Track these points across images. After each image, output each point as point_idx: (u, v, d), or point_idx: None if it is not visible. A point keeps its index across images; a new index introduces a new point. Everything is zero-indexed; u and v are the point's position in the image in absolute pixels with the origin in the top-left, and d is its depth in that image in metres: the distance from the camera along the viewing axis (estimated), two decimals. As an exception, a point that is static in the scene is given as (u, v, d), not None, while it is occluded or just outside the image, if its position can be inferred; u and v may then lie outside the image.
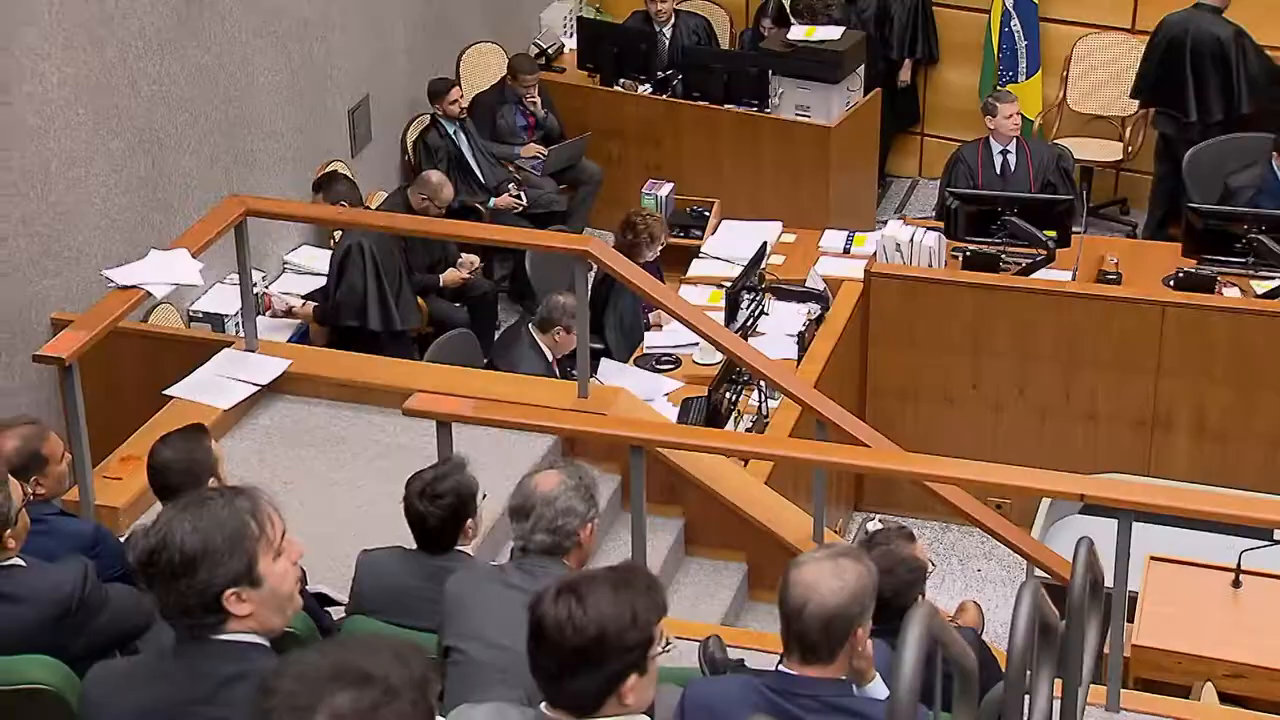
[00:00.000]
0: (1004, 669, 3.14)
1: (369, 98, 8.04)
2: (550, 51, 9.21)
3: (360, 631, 3.60)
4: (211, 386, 5.53)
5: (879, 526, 4.77)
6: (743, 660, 3.93)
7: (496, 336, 7.46)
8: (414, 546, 3.91)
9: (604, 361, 6.71)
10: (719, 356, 6.21)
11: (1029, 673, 3.16)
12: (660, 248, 7.15)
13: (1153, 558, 5.21)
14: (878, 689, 3.00)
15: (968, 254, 7.02)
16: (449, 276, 7.50)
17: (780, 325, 6.92)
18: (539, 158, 8.48)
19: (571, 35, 9.32)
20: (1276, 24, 8.27)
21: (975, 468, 4.98)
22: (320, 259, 7.26)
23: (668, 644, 2.51)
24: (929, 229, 7.17)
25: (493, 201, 8.15)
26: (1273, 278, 6.65)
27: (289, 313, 6.98)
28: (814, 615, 2.85)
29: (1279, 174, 7.11)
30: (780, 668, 2.93)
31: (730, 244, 7.61)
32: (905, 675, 2.26)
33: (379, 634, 2.01)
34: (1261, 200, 7.04)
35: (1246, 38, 7.99)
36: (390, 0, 8.16)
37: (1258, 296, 6.68)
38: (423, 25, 8.48)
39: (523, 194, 8.21)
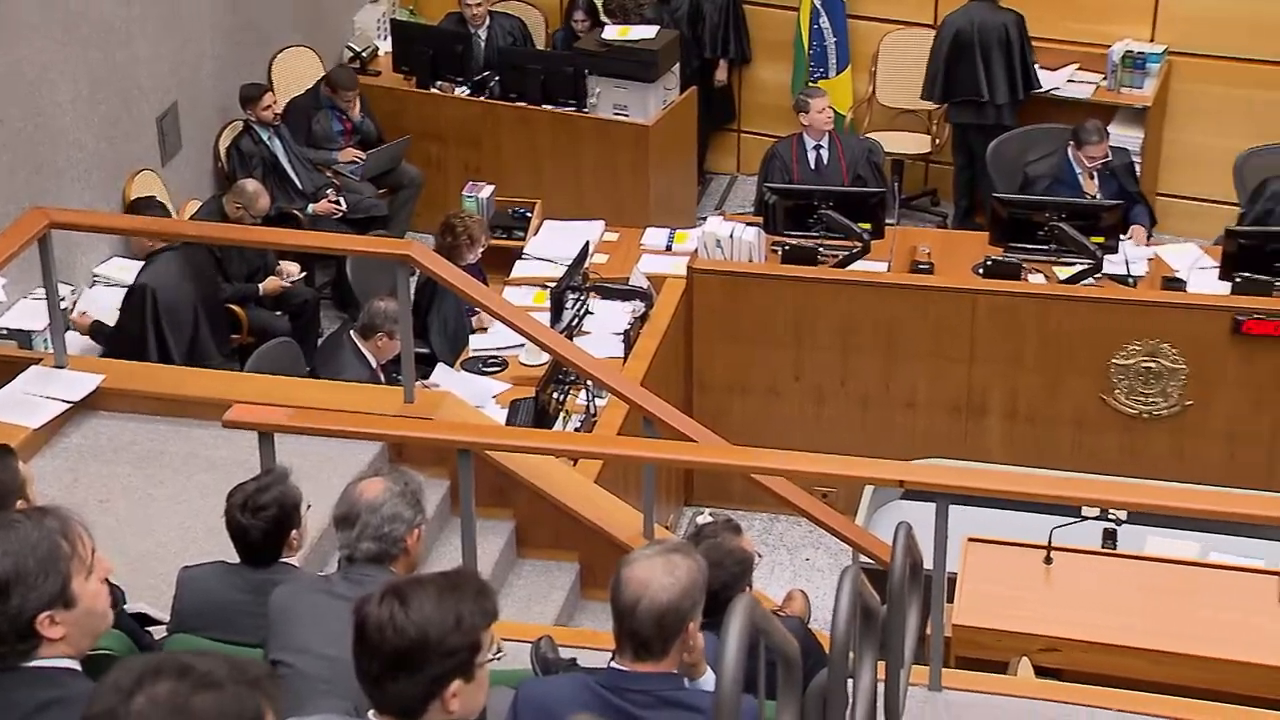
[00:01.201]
0: (829, 654, 3.21)
1: (177, 105, 7.85)
2: (365, 55, 9.11)
3: (185, 649, 3.52)
4: (19, 405, 5.34)
5: (708, 520, 4.82)
6: (575, 659, 3.94)
7: (319, 344, 7.35)
8: (237, 561, 3.84)
9: (439, 366, 6.66)
10: (546, 357, 6.22)
11: (852, 657, 3.23)
12: (481, 249, 7.13)
13: (970, 539, 5.36)
14: (709, 681, 3.03)
15: (786, 248, 7.14)
16: (268, 285, 7.37)
17: (605, 324, 6.95)
18: (357, 162, 8.38)
19: (386, 38, 9.24)
20: (1066, 19, 8.59)
21: (799, 458, 5.07)
22: (132, 270, 7.07)
23: (498, 651, 2.51)
24: (748, 224, 7.28)
25: (311, 208, 8.03)
26: (1073, 264, 6.90)
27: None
28: (647, 612, 2.87)
29: (1074, 164, 7.38)
30: (613, 665, 2.95)
31: (553, 244, 7.62)
32: (729, 666, 2.29)
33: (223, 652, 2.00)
34: (1058, 189, 7.30)
35: (1025, 27, 8.33)
36: (194, 4, 7.97)
37: (1061, 282, 6.92)
38: (229, 30, 8.30)
39: (342, 199, 8.11)
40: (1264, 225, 6.97)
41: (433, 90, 8.74)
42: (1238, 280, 6.64)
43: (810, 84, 8.74)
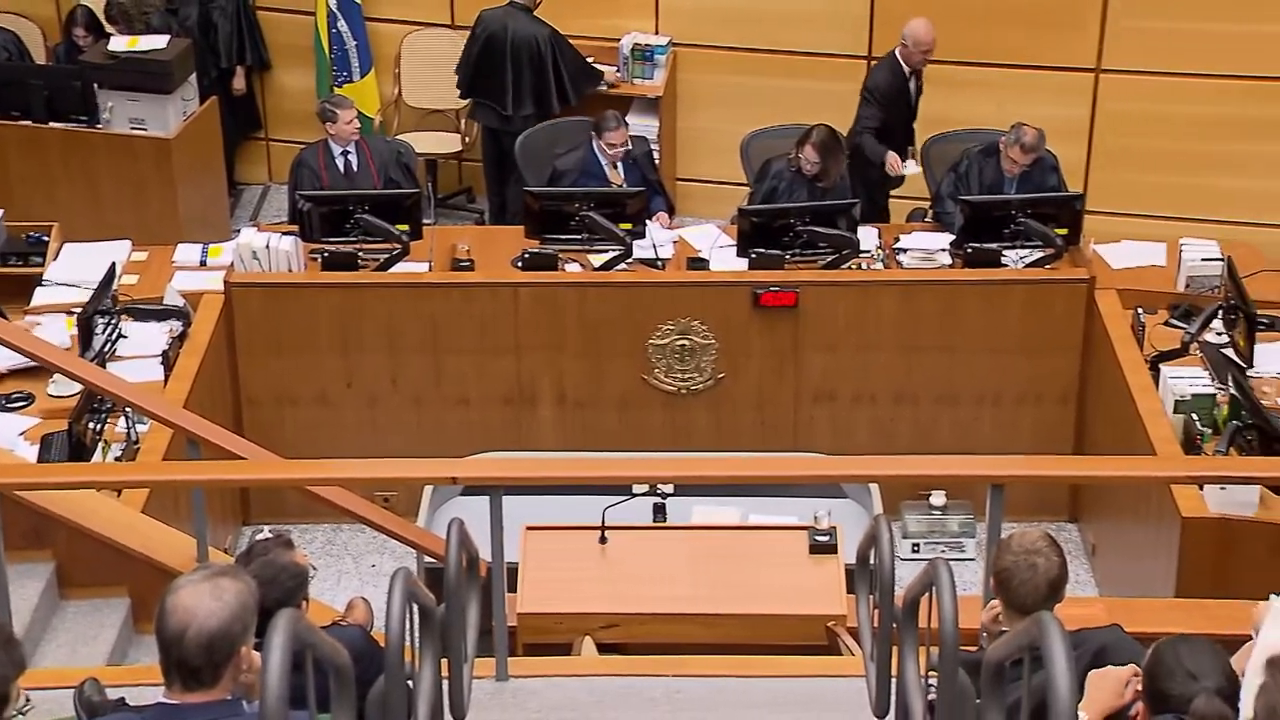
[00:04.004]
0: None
1: None
2: None
3: None
4: None
5: (265, 536, 4.74)
6: (124, 699, 3.78)
7: None
8: None
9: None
10: (77, 387, 5.92)
11: (415, 658, 3.25)
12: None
13: (529, 527, 5.50)
14: (270, 702, 2.98)
15: (326, 255, 7.09)
16: None
17: (141, 347, 6.70)
18: None
19: None
20: (578, 15, 8.89)
21: (350, 466, 5.07)
22: None
23: (26, 703, 2.38)
24: (284, 234, 7.17)
25: None
26: (605, 251, 7.16)
27: None
28: (194, 640, 2.80)
29: (599, 155, 7.66)
30: (162, 699, 2.86)
31: (76, 268, 7.24)
32: (271, 684, 2.27)
33: None
34: (586, 180, 7.54)
35: (560, 37, 8.55)
36: None
37: (595, 269, 7.18)
38: None
39: None
40: (771, 203, 7.45)
41: (-82, 112, 8.12)
42: (753, 256, 7.08)
43: (335, 88, 8.66)
